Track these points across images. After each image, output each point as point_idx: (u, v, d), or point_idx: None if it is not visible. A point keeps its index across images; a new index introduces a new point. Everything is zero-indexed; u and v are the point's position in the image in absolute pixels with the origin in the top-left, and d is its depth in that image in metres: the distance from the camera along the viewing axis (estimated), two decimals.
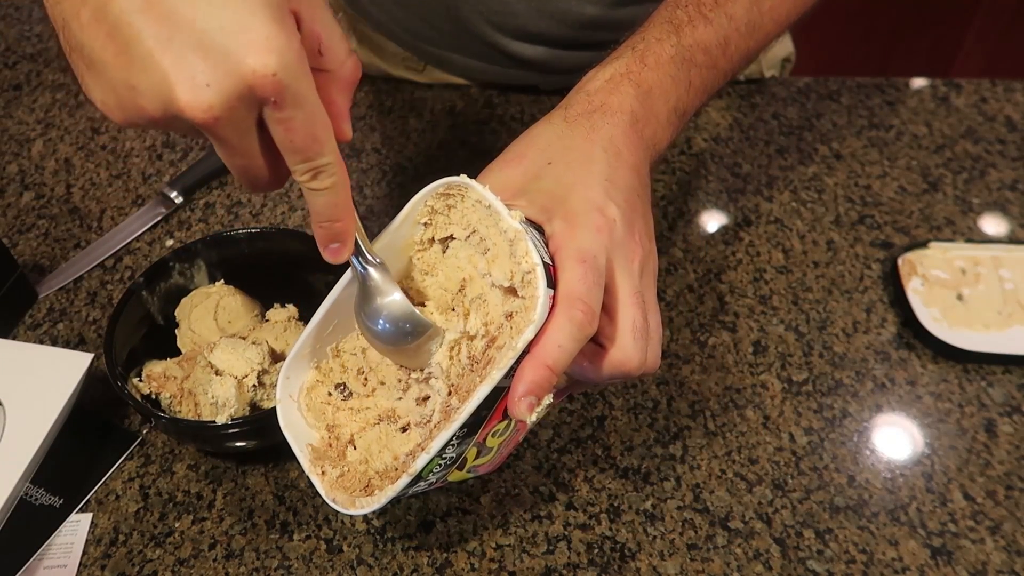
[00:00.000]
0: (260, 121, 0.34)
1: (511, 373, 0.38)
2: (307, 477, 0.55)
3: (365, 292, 0.41)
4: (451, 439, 0.39)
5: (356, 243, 0.40)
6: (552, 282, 0.38)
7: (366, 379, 0.46)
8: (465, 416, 0.38)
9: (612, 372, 0.40)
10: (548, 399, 0.39)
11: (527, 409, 0.38)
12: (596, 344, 0.41)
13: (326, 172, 0.36)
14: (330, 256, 0.40)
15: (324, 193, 0.37)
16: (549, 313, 0.38)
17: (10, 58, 0.87)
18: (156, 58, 0.32)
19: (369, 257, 0.41)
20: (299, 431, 0.45)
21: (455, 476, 0.44)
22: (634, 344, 0.40)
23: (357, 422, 0.45)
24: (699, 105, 0.51)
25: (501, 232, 0.40)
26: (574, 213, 0.41)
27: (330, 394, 0.46)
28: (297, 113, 0.34)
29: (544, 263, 0.38)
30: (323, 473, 0.43)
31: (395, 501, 0.41)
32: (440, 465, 0.41)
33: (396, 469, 0.42)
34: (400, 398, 0.45)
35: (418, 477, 0.40)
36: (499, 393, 0.39)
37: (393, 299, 0.41)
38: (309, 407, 0.46)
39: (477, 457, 0.44)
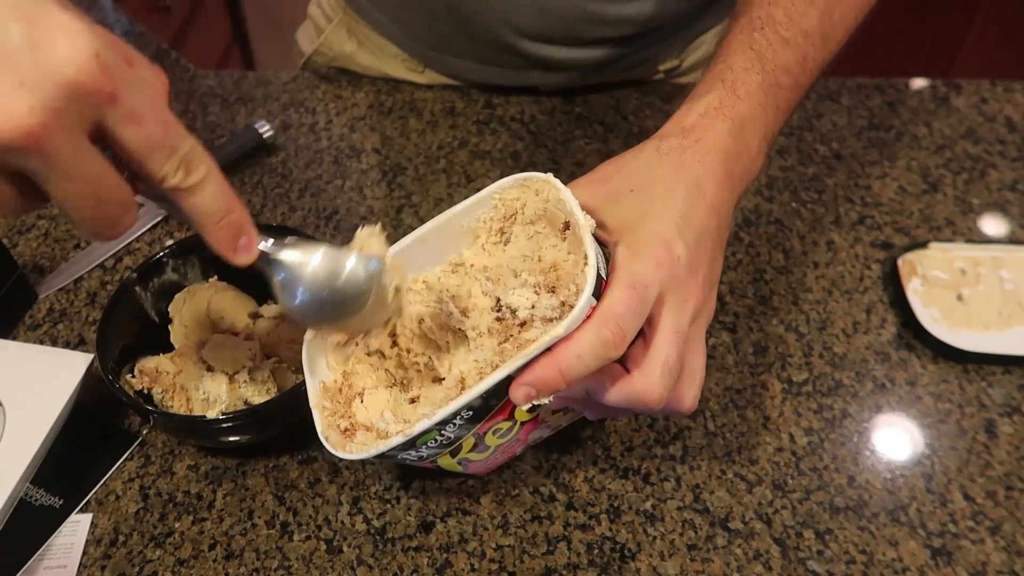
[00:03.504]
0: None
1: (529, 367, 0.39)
2: (308, 473, 0.55)
3: (286, 274, 0.39)
4: (456, 415, 0.39)
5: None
6: (599, 294, 0.39)
7: (395, 341, 0.47)
8: (475, 394, 0.38)
9: (631, 398, 0.40)
10: (547, 400, 0.39)
11: (524, 397, 0.38)
12: (624, 368, 0.41)
13: (195, 158, 0.33)
14: (241, 256, 0.36)
15: (205, 183, 0.34)
16: (584, 322, 0.38)
17: None
18: None
19: (270, 239, 0.39)
20: (317, 367, 0.46)
21: (445, 461, 0.45)
22: (660, 378, 0.39)
23: (372, 379, 0.46)
24: (783, 125, 0.51)
25: (567, 229, 0.41)
26: (640, 243, 0.41)
27: (356, 343, 0.47)
28: (139, 100, 0.30)
29: (599, 275, 0.39)
30: (324, 410, 0.44)
31: (383, 460, 0.42)
32: (436, 440, 0.41)
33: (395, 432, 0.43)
34: (419, 371, 0.45)
35: (412, 443, 0.40)
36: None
37: (316, 259, 0.38)
38: (334, 348, 0.47)
39: (472, 450, 0.44)
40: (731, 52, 0.50)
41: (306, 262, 0.38)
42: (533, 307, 0.41)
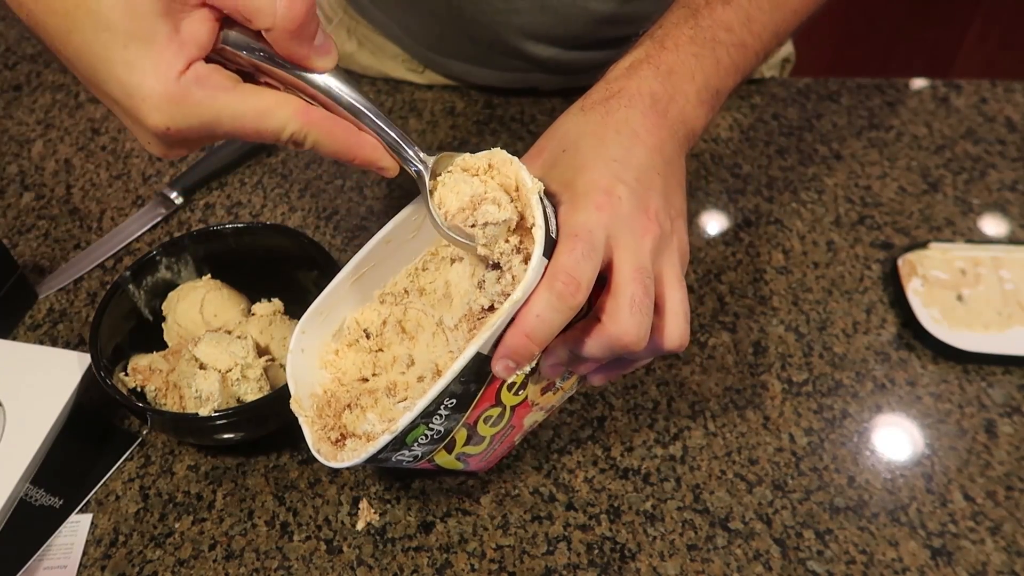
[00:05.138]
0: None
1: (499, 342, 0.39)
2: (309, 473, 0.55)
3: (425, 189, 0.41)
4: (438, 404, 0.39)
5: (401, 151, 0.40)
6: (551, 255, 0.39)
7: (380, 349, 0.47)
8: (449, 378, 0.38)
9: (609, 344, 0.40)
10: (528, 368, 0.40)
11: (504, 370, 0.39)
12: (595, 319, 0.41)
13: (301, 138, 0.37)
14: (382, 174, 0.41)
15: (320, 149, 0.38)
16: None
17: (10, 59, 0.87)
18: (116, 114, 0.37)
19: (411, 161, 0.40)
20: (302, 379, 0.46)
21: (443, 459, 0.45)
22: (631, 317, 0.39)
23: (360, 389, 0.46)
24: (734, 84, 0.50)
25: (519, 196, 0.41)
26: (578, 195, 0.41)
27: (348, 345, 0.47)
28: (222, 128, 0.36)
29: (550, 237, 0.39)
30: (314, 423, 0.44)
31: (379, 464, 0.41)
32: (426, 436, 0.41)
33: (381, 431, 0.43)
34: (403, 372, 0.45)
35: (401, 441, 0.40)
36: (487, 366, 0.39)
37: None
38: (324, 363, 0.47)
39: (467, 443, 0.44)
40: (667, 13, 0.50)
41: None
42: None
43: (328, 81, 0.38)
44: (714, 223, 0.72)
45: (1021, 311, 0.64)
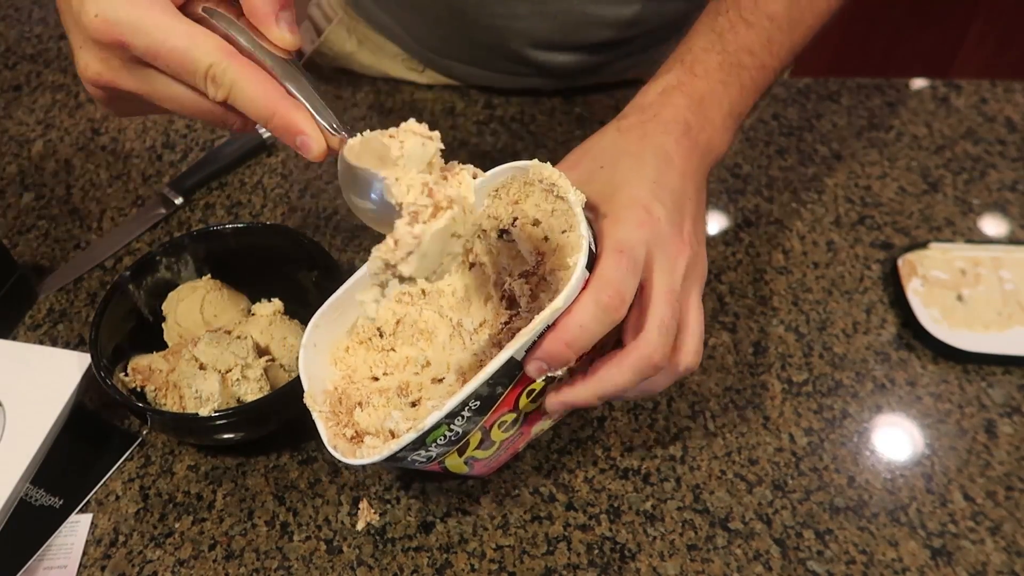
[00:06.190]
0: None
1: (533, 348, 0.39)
2: (309, 473, 0.55)
3: (361, 175, 0.38)
4: (464, 405, 0.40)
5: (327, 121, 0.39)
6: (592, 267, 0.40)
7: (392, 349, 0.47)
8: (482, 379, 0.39)
9: (638, 365, 0.41)
10: (560, 372, 0.41)
11: (535, 371, 0.40)
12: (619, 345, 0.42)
13: (216, 76, 0.37)
14: (303, 153, 0.39)
15: (235, 97, 0.37)
16: (580, 293, 0.39)
17: (10, 59, 0.87)
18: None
19: (333, 134, 0.39)
20: (316, 378, 0.46)
21: (452, 461, 0.45)
22: (659, 338, 0.41)
23: (369, 387, 0.46)
24: (753, 104, 0.52)
25: (561, 212, 0.42)
26: (620, 209, 0.42)
27: (360, 343, 0.48)
28: (148, 39, 0.37)
29: (591, 249, 0.39)
30: (328, 419, 0.44)
31: (394, 463, 0.41)
32: (445, 436, 0.41)
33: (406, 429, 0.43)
34: (417, 373, 0.45)
35: (422, 440, 0.40)
36: (516, 370, 0.40)
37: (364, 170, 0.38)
38: (335, 360, 0.47)
39: (478, 447, 0.45)
40: (694, 35, 0.52)
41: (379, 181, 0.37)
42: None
43: (272, 52, 0.39)
44: (714, 223, 0.72)
45: (1021, 311, 0.64)
